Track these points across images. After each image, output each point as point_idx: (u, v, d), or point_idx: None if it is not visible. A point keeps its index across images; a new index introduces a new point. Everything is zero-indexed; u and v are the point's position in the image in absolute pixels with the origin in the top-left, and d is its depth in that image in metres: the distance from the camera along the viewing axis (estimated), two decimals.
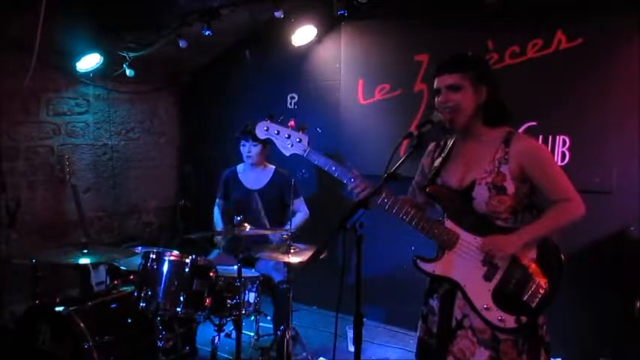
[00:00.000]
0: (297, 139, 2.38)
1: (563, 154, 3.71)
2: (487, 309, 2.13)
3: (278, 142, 2.43)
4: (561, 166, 2.97)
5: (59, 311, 3.09)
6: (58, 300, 3.29)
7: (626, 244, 3.45)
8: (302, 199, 4.21)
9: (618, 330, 3.53)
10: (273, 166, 4.25)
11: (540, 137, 3.72)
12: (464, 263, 2.18)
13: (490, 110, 2.19)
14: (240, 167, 4.31)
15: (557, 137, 3.73)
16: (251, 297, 3.50)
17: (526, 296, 2.11)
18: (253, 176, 4.23)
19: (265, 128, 2.44)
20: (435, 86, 2.21)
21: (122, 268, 3.69)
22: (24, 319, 3.24)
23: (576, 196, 2.14)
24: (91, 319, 3.07)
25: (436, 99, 2.20)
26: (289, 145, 2.40)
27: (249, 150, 4.11)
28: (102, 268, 4.07)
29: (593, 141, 3.63)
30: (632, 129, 3.50)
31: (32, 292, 3.48)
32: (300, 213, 4.15)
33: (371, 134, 4.56)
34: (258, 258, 3.78)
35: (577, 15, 3.60)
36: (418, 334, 2.39)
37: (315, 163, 2.34)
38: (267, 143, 4.05)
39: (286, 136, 2.40)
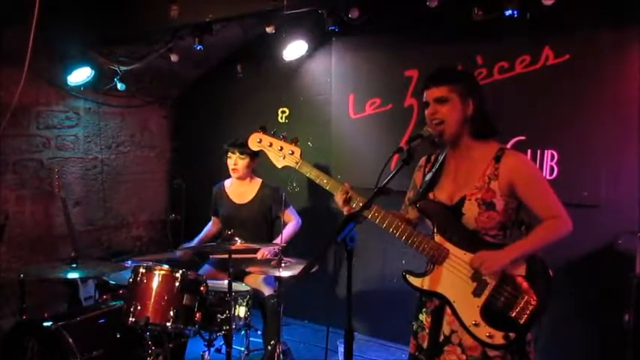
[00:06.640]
0: (290, 152, 2.39)
1: (552, 168, 3.76)
2: (476, 325, 2.13)
3: (270, 154, 2.44)
4: (550, 180, 3.01)
5: (47, 326, 3.06)
6: (46, 315, 3.26)
7: (613, 257, 3.48)
8: (292, 208, 4.20)
9: (607, 342, 3.55)
10: (260, 180, 4.24)
11: (529, 151, 3.76)
12: (453, 279, 2.18)
13: (477, 123, 2.21)
14: (227, 182, 4.28)
15: (546, 151, 3.78)
16: (241, 311, 3.48)
17: (514, 312, 2.11)
18: (240, 190, 4.20)
19: (258, 140, 2.46)
20: (423, 99, 2.24)
21: (111, 282, 3.67)
22: (11, 334, 3.20)
23: (564, 213, 2.15)
24: (79, 335, 3.05)
25: (425, 112, 2.23)
26: (281, 158, 2.41)
27: (235, 162, 4.07)
28: (91, 283, 4.05)
29: (581, 155, 3.67)
30: (620, 143, 3.55)
31: (20, 306, 3.44)
32: (292, 222, 4.14)
33: (362, 148, 4.58)
34: (248, 272, 3.77)
35: (564, 31, 3.66)
36: (409, 350, 2.38)
37: (307, 175, 2.35)
38: (255, 156, 4.05)
39: (279, 148, 2.41)
